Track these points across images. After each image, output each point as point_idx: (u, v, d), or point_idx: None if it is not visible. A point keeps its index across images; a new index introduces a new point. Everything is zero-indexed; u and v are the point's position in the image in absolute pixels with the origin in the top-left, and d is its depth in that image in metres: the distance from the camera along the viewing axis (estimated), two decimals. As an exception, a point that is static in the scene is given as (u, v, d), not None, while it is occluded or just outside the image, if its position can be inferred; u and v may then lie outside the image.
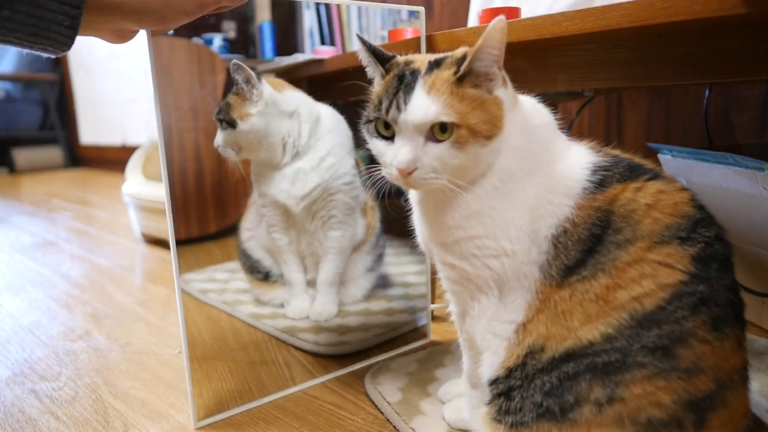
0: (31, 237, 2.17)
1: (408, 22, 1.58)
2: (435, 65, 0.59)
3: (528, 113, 0.62)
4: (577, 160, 0.60)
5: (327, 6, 1.52)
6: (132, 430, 0.83)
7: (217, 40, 1.38)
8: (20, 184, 3.86)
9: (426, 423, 0.78)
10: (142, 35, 0.72)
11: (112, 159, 4.22)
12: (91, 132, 4.59)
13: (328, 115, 1.06)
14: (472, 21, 1.20)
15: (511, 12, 0.94)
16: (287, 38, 1.50)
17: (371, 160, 0.66)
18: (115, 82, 4.02)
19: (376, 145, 0.61)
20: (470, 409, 0.74)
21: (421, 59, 0.61)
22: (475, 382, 0.71)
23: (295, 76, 1.14)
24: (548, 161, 0.60)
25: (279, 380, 0.94)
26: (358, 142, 1.08)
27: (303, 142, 1.02)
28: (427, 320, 1.10)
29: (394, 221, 1.21)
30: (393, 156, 0.58)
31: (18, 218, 2.58)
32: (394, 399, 0.84)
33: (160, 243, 1.94)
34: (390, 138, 0.59)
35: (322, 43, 1.53)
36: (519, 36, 0.82)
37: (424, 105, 0.56)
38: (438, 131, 0.56)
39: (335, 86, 1.10)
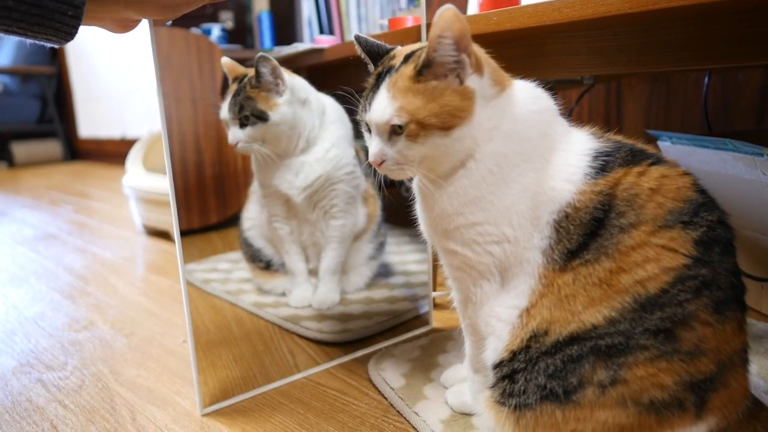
0: (33, 230, 2.18)
1: (407, 11, 1.57)
2: (405, 59, 0.61)
3: (524, 99, 0.62)
4: (579, 146, 0.61)
5: (326, -6, 1.52)
6: (139, 417, 0.84)
7: (216, 31, 1.37)
8: (20, 178, 3.86)
9: (429, 407, 0.79)
10: (142, 25, 0.72)
11: (111, 152, 4.22)
12: (89, 125, 4.58)
13: (331, 106, 1.06)
14: (472, 8, 1.20)
15: (511, -1, 0.93)
16: (286, 28, 1.50)
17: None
18: (114, 74, 4.01)
19: (365, 136, 0.66)
20: (473, 393, 0.75)
21: (404, 52, 0.63)
22: (478, 367, 0.72)
23: (295, 66, 1.14)
24: (548, 147, 0.61)
25: (283, 367, 0.95)
26: (358, 133, 1.08)
27: (315, 133, 1.03)
28: (429, 308, 1.11)
29: (395, 210, 1.22)
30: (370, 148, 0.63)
31: (19, 211, 2.58)
32: (397, 384, 0.85)
33: (162, 234, 1.94)
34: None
35: (321, 32, 1.52)
36: (519, 23, 0.82)
37: (381, 107, 0.59)
38: (396, 126, 0.59)
39: (336, 75, 1.10)
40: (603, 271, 0.53)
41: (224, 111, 0.99)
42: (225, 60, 1.02)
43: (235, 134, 0.98)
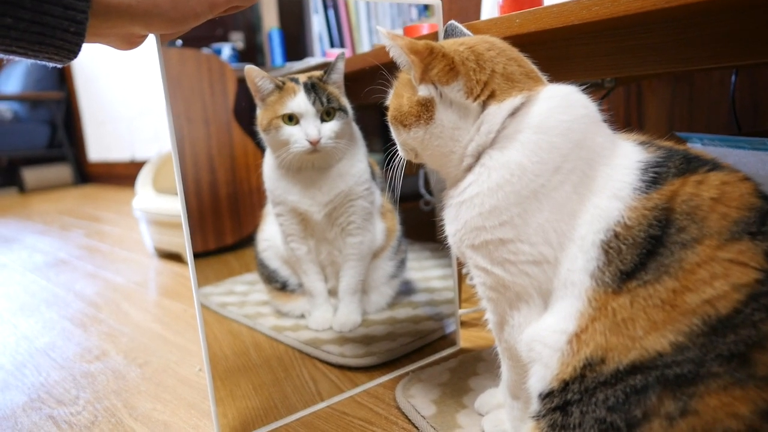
0: (44, 256, 2.15)
1: (418, 21, 1.54)
2: None
3: (550, 106, 0.58)
4: (624, 159, 0.56)
5: (335, 8, 1.49)
6: (156, 456, 0.79)
7: (226, 50, 1.35)
8: (30, 203, 3.86)
9: (465, 437, 0.73)
10: (149, 42, 0.68)
11: (121, 174, 4.22)
12: (98, 148, 4.59)
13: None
14: (487, 12, 1.16)
15: None
16: (296, 43, 1.47)
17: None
18: (122, 97, 4.02)
19: None
20: (512, 421, 0.70)
21: None
22: (517, 393, 0.67)
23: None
24: (585, 159, 0.56)
25: (305, 396, 0.90)
26: (371, 147, 1.05)
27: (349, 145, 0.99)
28: (455, 326, 1.06)
29: (414, 224, 1.17)
30: None
31: (30, 237, 2.56)
32: (428, 412, 0.80)
33: (174, 257, 1.91)
34: None
35: (332, 45, 1.49)
36: (544, 24, 0.78)
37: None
38: None
39: (348, 88, 1.06)
40: (665, 292, 0.48)
41: (299, 104, 0.91)
42: (251, 67, 0.94)
43: (318, 128, 0.91)
